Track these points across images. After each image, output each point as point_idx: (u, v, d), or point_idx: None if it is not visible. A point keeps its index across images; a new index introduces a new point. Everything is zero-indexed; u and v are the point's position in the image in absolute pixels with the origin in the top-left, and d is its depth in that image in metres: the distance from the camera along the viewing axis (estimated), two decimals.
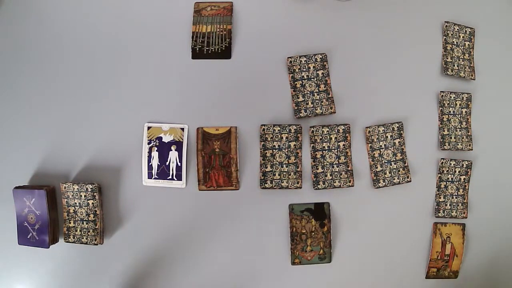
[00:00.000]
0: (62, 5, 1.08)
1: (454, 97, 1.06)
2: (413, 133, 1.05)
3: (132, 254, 1.03)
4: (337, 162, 1.02)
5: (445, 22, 1.08)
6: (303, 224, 1.01)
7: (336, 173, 1.02)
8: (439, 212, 1.03)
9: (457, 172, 1.04)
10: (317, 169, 1.02)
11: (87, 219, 1.00)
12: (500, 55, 1.10)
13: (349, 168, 1.02)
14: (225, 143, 1.02)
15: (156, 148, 1.02)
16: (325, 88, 1.04)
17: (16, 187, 1.00)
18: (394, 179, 1.02)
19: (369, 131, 1.03)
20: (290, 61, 1.04)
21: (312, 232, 1.01)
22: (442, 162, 1.04)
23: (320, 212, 1.01)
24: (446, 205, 1.04)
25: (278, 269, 1.02)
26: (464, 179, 1.05)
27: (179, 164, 1.02)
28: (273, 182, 1.01)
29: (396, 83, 1.06)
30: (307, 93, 1.04)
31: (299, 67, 1.04)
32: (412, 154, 1.04)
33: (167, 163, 1.02)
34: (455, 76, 1.07)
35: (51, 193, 1.02)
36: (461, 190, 1.05)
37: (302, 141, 1.03)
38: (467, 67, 1.08)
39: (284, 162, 1.02)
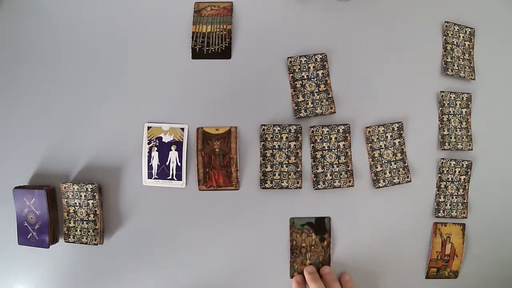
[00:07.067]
0: (62, 5, 1.08)
1: (454, 97, 1.06)
2: (413, 133, 1.05)
3: (132, 254, 1.03)
4: (337, 162, 1.02)
5: (445, 22, 1.08)
6: (303, 238, 1.00)
7: (336, 173, 1.02)
8: (439, 212, 1.03)
9: (457, 172, 1.04)
10: (317, 169, 1.02)
11: (87, 219, 1.00)
12: (500, 55, 1.10)
13: (349, 168, 1.02)
14: (225, 143, 1.02)
15: (156, 148, 1.02)
16: (325, 88, 1.04)
17: (16, 187, 1.00)
18: (394, 179, 1.02)
19: (369, 131, 1.03)
20: (290, 61, 1.04)
21: (312, 246, 1.00)
22: (442, 162, 1.04)
23: (321, 226, 1.01)
24: (446, 205, 1.04)
25: (278, 268, 1.02)
26: (464, 179, 1.05)
27: (179, 164, 1.02)
28: (273, 182, 1.01)
29: (396, 83, 1.06)
30: (307, 93, 1.04)
31: (299, 67, 1.04)
32: (412, 154, 1.04)
33: (167, 163, 1.02)
34: (455, 76, 1.07)
35: (51, 193, 1.01)
36: (461, 190, 1.05)
37: (302, 141, 1.03)
38: (467, 67, 1.08)
39: (284, 162, 1.02)
